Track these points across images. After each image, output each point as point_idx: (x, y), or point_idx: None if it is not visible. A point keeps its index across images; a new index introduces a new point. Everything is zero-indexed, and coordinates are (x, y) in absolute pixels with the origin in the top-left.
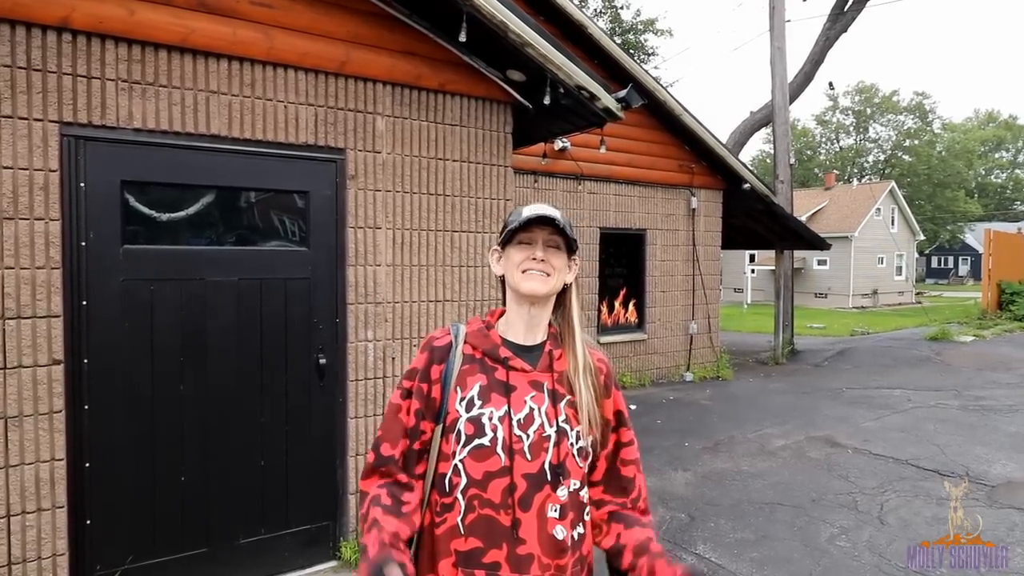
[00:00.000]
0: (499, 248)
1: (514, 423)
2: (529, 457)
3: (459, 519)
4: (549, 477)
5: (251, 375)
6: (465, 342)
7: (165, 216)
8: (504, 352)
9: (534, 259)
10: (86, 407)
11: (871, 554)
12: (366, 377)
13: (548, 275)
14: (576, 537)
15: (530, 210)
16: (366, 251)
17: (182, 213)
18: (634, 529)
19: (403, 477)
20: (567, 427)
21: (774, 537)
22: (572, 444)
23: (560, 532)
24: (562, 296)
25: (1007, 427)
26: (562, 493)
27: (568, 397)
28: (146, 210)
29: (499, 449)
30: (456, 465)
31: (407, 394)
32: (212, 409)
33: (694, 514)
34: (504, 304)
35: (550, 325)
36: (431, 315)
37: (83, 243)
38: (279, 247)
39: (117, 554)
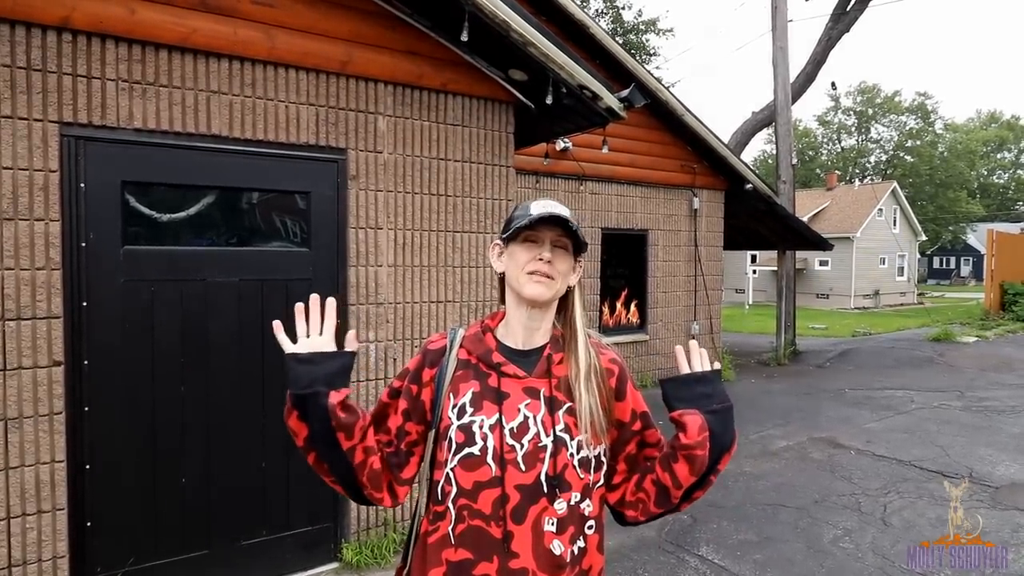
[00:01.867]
0: (501, 243)
1: (506, 432)
2: (523, 468)
3: (450, 528)
4: (546, 489)
5: (252, 376)
6: (461, 346)
7: (166, 217)
8: (497, 357)
9: (540, 259)
10: (86, 408)
11: (874, 556)
12: (367, 378)
13: (552, 279)
14: (576, 552)
15: (539, 207)
16: (367, 252)
17: (183, 214)
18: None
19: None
20: (566, 436)
21: (777, 539)
22: (572, 455)
23: (558, 547)
24: (565, 299)
25: (1011, 428)
26: (560, 506)
27: (568, 404)
28: (147, 210)
29: (489, 459)
30: (447, 473)
31: (395, 393)
32: (213, 410)
33: (697, 515)
34: (503, 303)
35: (553, 327)
36: (432, 316)
37: (83, 244)
38: (280, 248)
39: (118, 556)
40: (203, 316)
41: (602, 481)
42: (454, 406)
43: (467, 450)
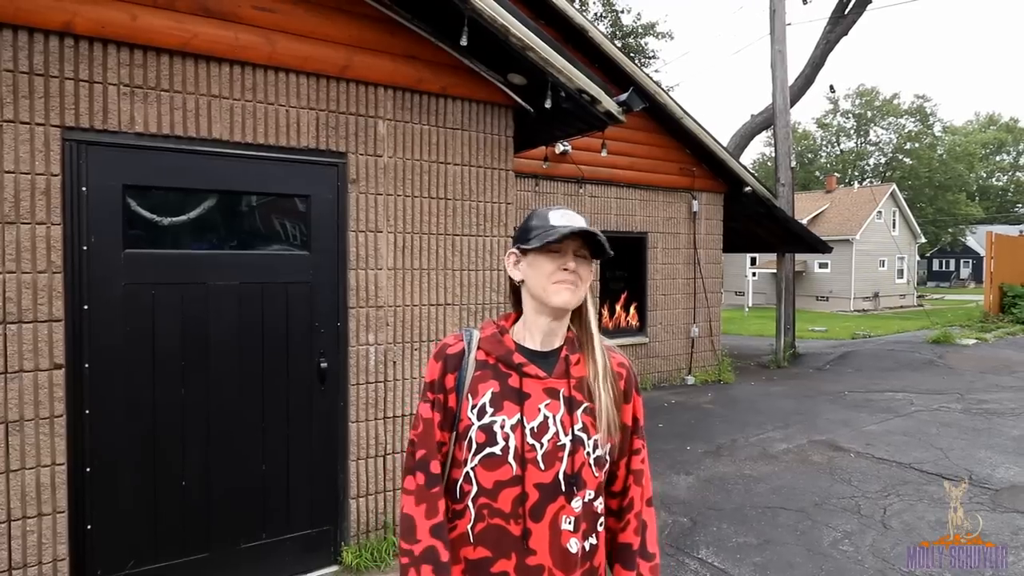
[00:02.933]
0: (517, 251)
1: (527, 432)
2: (542, 467)
3: (469, 527)
4: (563, 487)
5: (252, 379)
6: (478, 348)
7: (167, 220)
8: (518, 358)
9: (566, 270)
10: (87, 411)
11: (874, 558)
12: (367, 381)
13: (577, 286)
14: (588, 548)
15: (560, 218)
16: (367, 255)
17: (184, 217)
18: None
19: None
20: (583, 436)
21: (777, 541)
22: (588, 453)
23: (574, 545)
24: (583, 302)
25: (1010, 431)
26: (576, 504)
27: (585, 404)
28: (148, 214)
29: (511, 458)
30: (467, 472)
31: (433, 406)
32: (213, 413)
33: (696, 518)
34: (513, 308)
35: (568, 331)
36: (432, 319)
37: (84, 247)
38: (280, 251)
39: (118, 559)
40: (204, 319)
41: (602, 479)
42: (473, 407)
43: (488, 450)
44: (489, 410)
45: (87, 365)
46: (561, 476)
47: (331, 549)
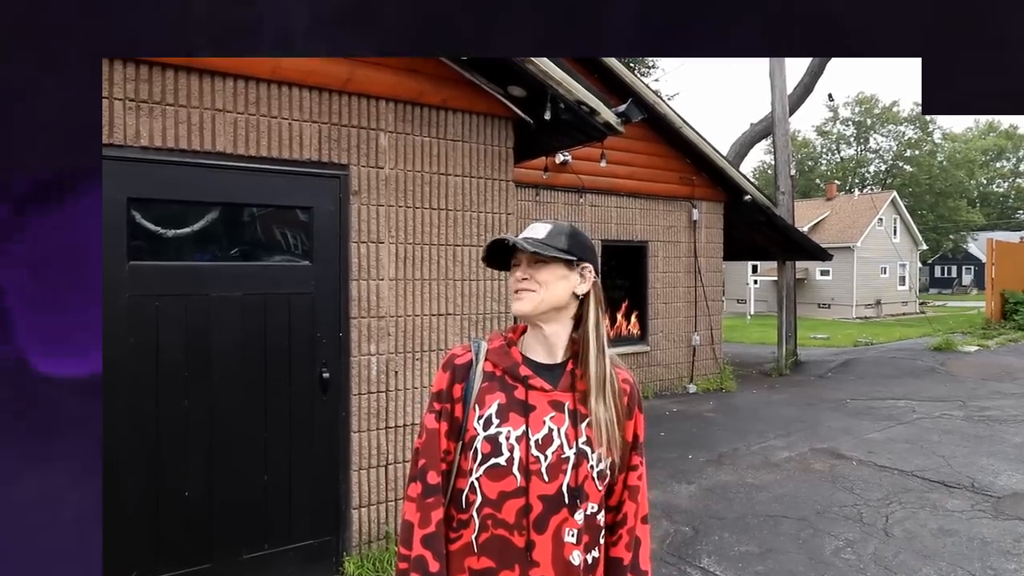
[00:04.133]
0: None
1: (532, 443)
2: (546, 479)
3: (473, 537)
4: (567, 500)
5: (255, 389)
6: (486, 359)
7: (171, 232)
8: (524, 371)
9: (516, 278)
10: None
11: (876, 566)
12: (369, 391)
13: (534, 291)
14: (590, 561)
15: (523, 233)
16: (369, 266)
17: (187, 229)
18: None
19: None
20: (587, 449)
21: (779, 550)
22: (592, 467)
23: (576, 558)
24: (582, 308)
25: (1013, 438)
26: (579, 517)
27: (590, 417)
28: (152, 226)
29: (515, 469)
30: (472, 483)
31: (439, 416)
32: (216, 423)
33: (698, 527)
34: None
35: (574, 343)
36: (434, 329)
37: None
38: (283, 262)
39: (119, 570)
40: (206, 330)
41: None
42: (479, 417)
43: (493, 460)
44: (495, 421)
45: None
46: (565, 488)
47: (333, 560)
